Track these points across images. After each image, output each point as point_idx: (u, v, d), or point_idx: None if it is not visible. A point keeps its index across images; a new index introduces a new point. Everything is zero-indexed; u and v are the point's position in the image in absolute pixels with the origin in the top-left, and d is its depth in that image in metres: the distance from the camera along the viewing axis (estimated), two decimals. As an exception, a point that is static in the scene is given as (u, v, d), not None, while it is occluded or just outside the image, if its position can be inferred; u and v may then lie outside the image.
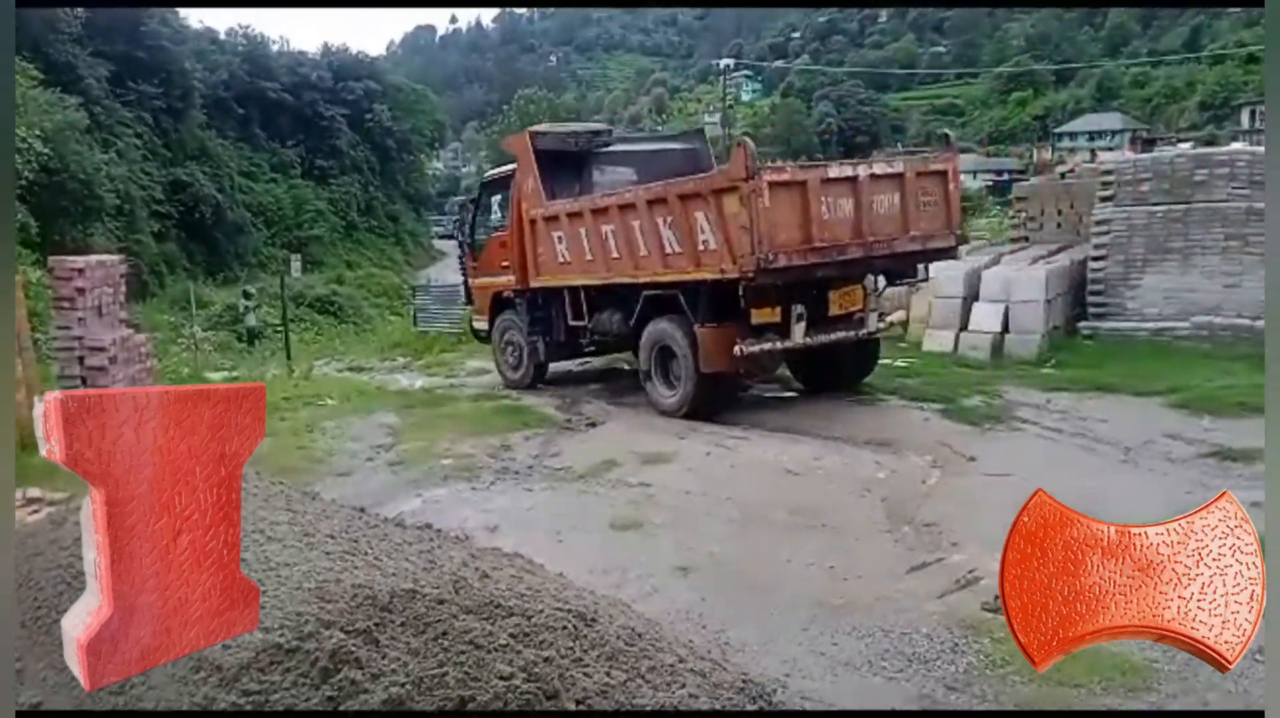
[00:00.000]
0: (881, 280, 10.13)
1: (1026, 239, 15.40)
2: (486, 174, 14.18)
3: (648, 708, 2.54)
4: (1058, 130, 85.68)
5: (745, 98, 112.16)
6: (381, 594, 2.77)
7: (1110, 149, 61.58)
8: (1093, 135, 79.49)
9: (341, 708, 2.38)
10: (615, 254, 10.04)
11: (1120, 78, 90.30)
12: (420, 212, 60.34)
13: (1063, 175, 17.62)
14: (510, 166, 11.92)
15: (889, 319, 10.64)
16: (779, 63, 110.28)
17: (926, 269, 10.39)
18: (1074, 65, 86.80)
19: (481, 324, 12.85)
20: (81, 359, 9.86)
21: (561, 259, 10.85)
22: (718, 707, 2.65)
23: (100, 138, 32.08)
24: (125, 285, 11.21)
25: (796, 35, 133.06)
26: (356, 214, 49.74)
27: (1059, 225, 15.12)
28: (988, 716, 3.83)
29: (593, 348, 11.89)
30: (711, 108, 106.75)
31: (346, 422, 10.09)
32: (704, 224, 8.99)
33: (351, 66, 53.74)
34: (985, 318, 11.95)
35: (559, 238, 10.78)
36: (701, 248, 9.07)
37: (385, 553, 3.28)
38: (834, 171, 9.27)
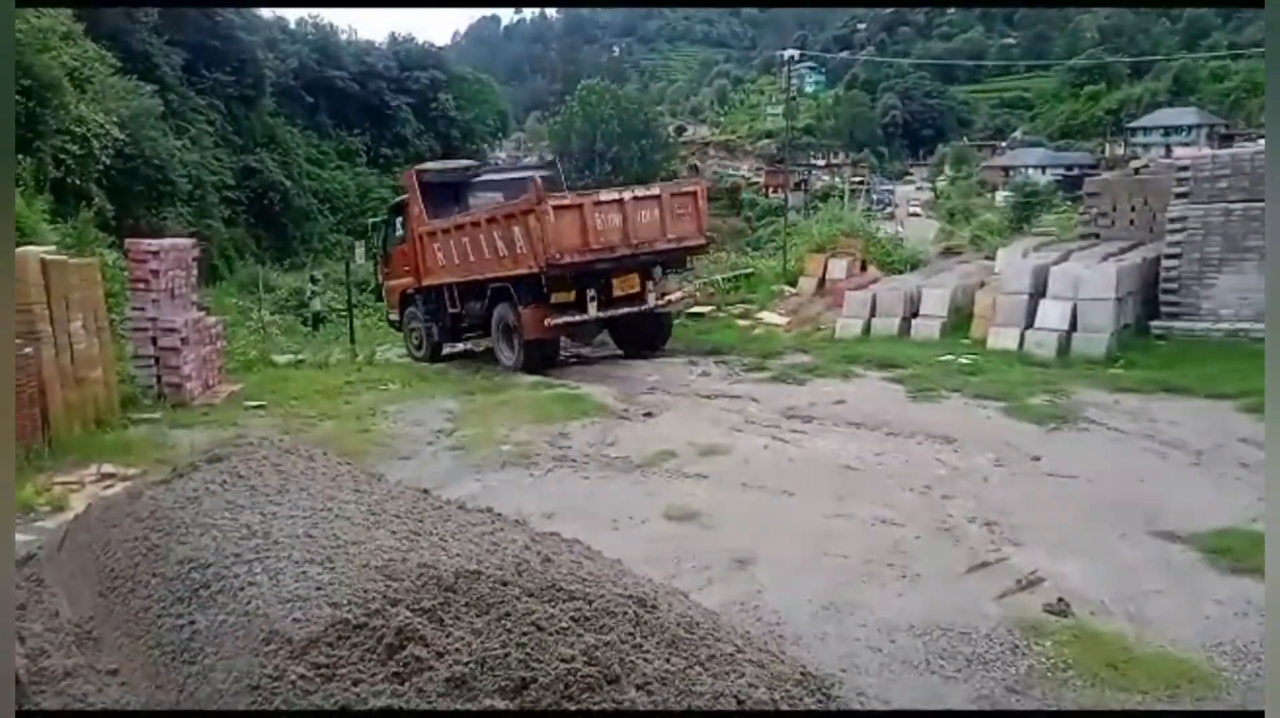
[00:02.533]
0: (659, 270, 13.34)
1: (1097, 235, 15.04)
2: (392, 201, 17.91)
3: (705, 693, 2.55)
4: (1131, 125, 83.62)
5: (808, 89, 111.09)
6: (446, 574, 2.81)
7: (1186, 144, 59.93)
8: (1168, 130, 77.46)
9: (408, 682, 2.43)
10: (471, 258, 13.38)
11: (1198, 71, 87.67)
12: (482, 200, 60.85)
13: (1136, 171, 17.16)
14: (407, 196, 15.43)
15: (669, 298, 13.70)
16: (844, 54, 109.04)
17: (690, 261, 14.57)
18: (1150, 58, 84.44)
19: (394, 316, 16.33)
20: (155, 339, 10.18)
21: (441, 264, 14.22)
22: (776, 697, 2.65)
23: (174, 124, 32.90)
24: (197, 269, 11.52)
25: (862, 27, 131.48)
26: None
27: (1131, 222, 14.73)
28: (991, 715, 3.78)
29: (470, 330, 14.71)
30: (774, 99, 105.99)
31: (408, 406, 10.24)
32: (519, 235, 12.33)
33: (417, 56, 54.38)
34: (1052, 315, 11.72)
35: (438, 248, 14.21)
36: (520, 251, 12.38)
37: (449, 534, 3.32)
38: (604, 196, 12.86)
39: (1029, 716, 3.81)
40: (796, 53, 36.46)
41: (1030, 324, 11.90)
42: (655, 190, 13.23)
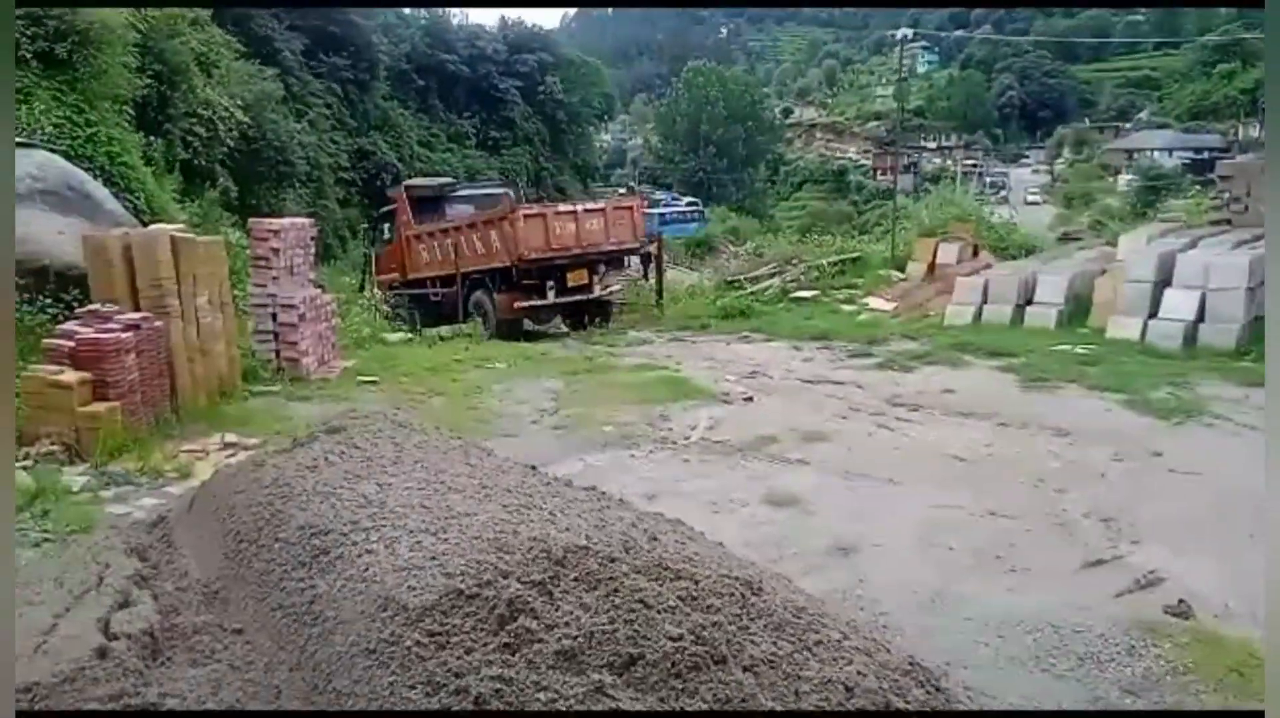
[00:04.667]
0: (603, 267, 16.56)
1: (1229, 222, 14.31)
2: (381, 210, 21.54)
3: (813, 678, 2.53)
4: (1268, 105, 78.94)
5: (921, 70, 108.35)
6: (556, 549, 2.85)
7: (1329, 126, 56.23)
8: (1309, 110, 72.79)
9: (519, 653, 2.48)
10: (453, 256, 16.69)
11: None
12: (587, 183, 61.17)
13: (1273, 154, 16.20)
14: (395, 205, 19.28)
15: (610, 288, 16.94)
16: (959, 32, 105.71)
17: (627, 260, 17.87)
18: (1292, 33, 79.21)
19: (383, 307, 19.18)
20: (274, 315, 10.56)
21: (425, 261, 17.71)
22: (884, 686, 2.61)
23: (293, 108, 33.90)
24: (314, 247, 11.90)
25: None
26: (526, 184, 50.82)
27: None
28: (995, 716, 3.64)
29: (446, 314, 16.79)
30: (885, 80, 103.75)
31: (514, 385, 10.41)
32: (495, 237, 15.71)
33: (526, 39, 54.77)
34: (1179, 305, 11.21)
35: (422, 248, 17.74)
36: (495, 249, 15.69)
37: (558, 510, 3.37)
38: (562, 208, 16.49)
39: (1039, 716, 3.67)
40: (909, 32, 35.48)
41: (1154, 314, 11.41)
42: (601, 204, 16.95)
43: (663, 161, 72.50)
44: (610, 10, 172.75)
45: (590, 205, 16.71)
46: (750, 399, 9.66)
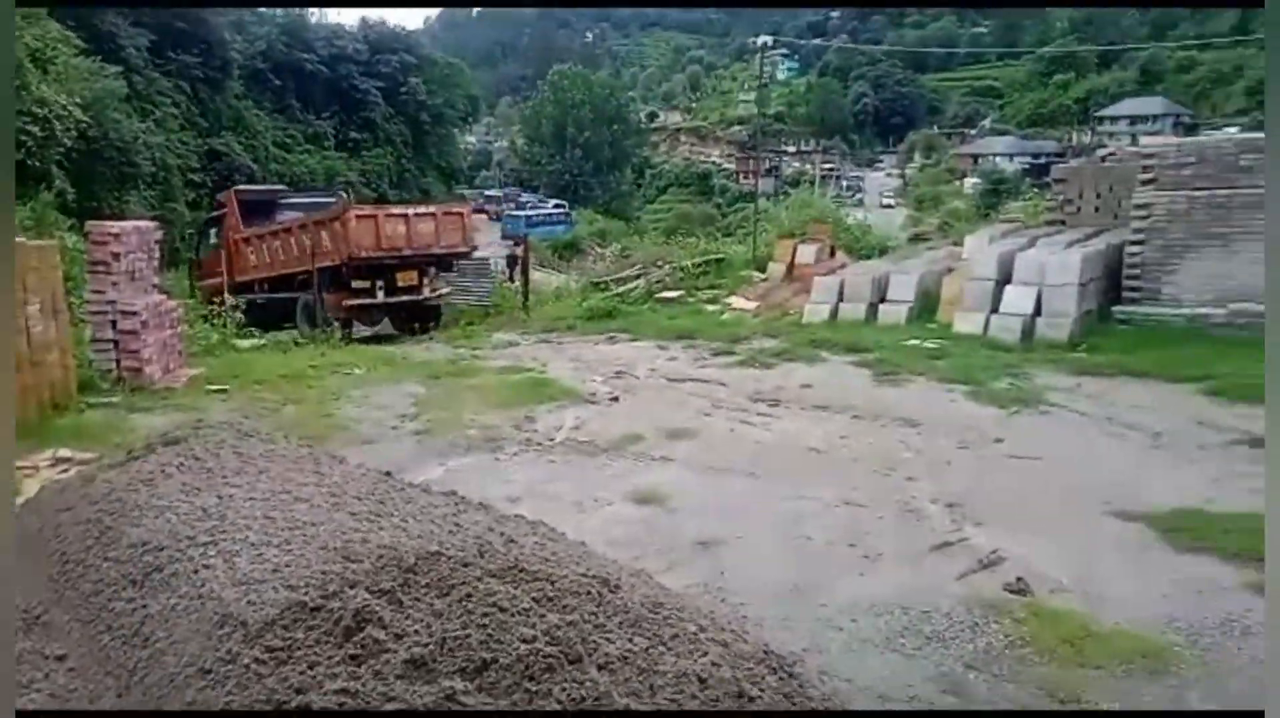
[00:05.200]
0: (432, 270, 17.51)
1: (1063, 222, 15.20)
2: (206, 216, 22.55)
3: (668, 673, 2.54)
4: (1098, 114, 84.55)
5: (781, 76, 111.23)
6: (406, 556, 2.78)
7: (1152, 133, 60.54)
8: (1134, 119, 78.49)
9: (365, 664, 2.40)
10: (282, 257, 17.46)
11: (1166, 61, 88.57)
12: (451, 185, 60.44)
13: (1103, 159, 17.33)
14: (223, 210, 19.64)
15: (439, 291, 17.73)
16: (817, 41, 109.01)
17: (456, 264, 18.36)
18: (1118, 48, 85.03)
19: (203, 312, 18.37)
20: (114, 323, 9.99)
21: (254, 264, 18.27)
22: (739, 676, 2.64)
23: (139, 107, 32.31)
24: (160, 252, 11.33)
25: (836, 15, 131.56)
26: (388, 186, 49.78)
27: (1097, 209, 14.90)
28: (989, 716, 3.81)
29: (272, 317, 16.95)
30: (747, 86, 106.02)
31: (373, 391, 10.15)
32: (326, 237, 16.31)
33: (388, 40, 53.68)
34: (1017, 300, 11.83)
35: (251, 251, 18.30)
36: (326, 249, 16.22)
37: (411, 516, 3.29)
38: (394, 210, 17.46)
39: (1029, 716, 3.84)
40: (770, 39, 36.40)
41: (996, 309, 12.01)
42: (432, 208, 17.88)
43: (529, 164, 72.33)
44: (474, 12, 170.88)
45: (421, 209, 17.67)
46: (616, 399, 9.70)
